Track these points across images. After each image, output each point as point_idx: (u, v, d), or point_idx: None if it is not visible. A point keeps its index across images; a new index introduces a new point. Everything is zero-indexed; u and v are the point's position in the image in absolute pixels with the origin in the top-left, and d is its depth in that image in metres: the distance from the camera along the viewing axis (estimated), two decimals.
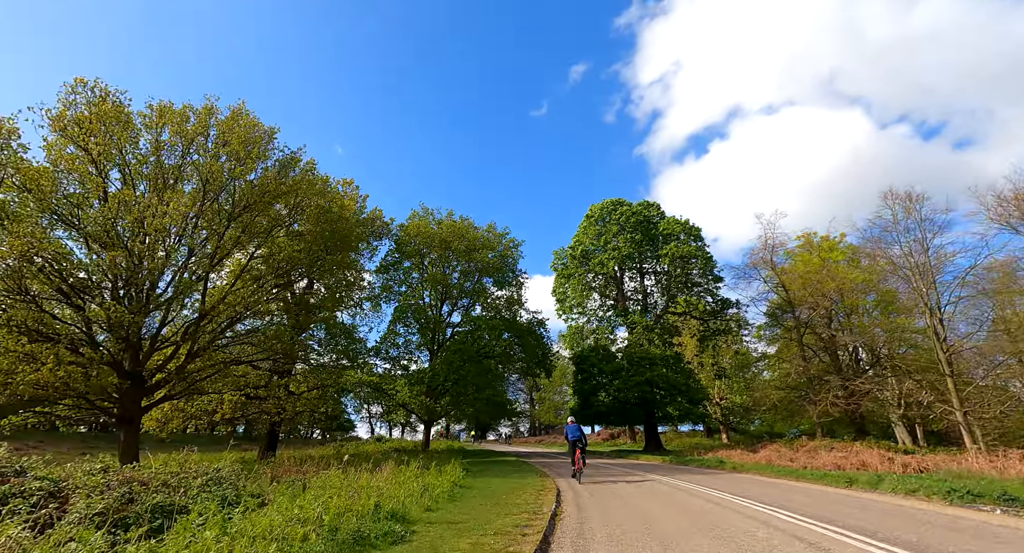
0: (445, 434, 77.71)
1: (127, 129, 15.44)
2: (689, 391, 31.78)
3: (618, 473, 16.17)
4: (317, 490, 7.50)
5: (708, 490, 10.78)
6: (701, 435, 49.28)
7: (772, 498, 9.32)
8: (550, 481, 12.21)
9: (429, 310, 32.37)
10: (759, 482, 12.60)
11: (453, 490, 9.64)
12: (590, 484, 12.68)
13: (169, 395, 18.63)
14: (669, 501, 9.13)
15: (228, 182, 16.79)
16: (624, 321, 36.69)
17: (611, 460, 25.10)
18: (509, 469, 16.19)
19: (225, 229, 16.75)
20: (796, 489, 10.91)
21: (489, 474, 13.93)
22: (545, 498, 9.12)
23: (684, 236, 37.85)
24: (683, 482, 12.68)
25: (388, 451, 30.61)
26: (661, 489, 11.18)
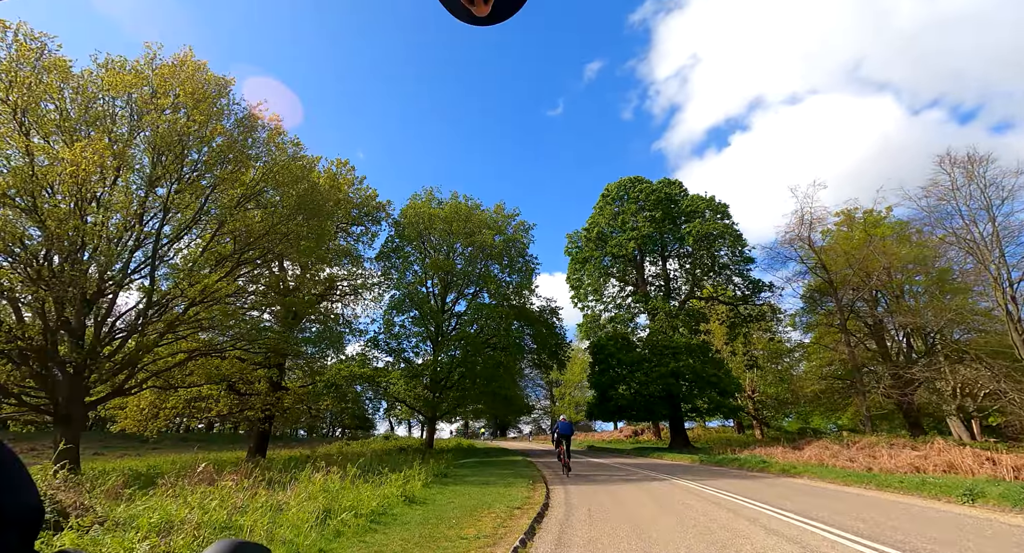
0: (464, 432, 75.19)
1: (61, 79, 12.99)
2: (720, 382, 28.24)
3: (637, 476, 13.04)
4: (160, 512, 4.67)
5: (767, 509, 7.57)
6: (731, 431, 45.34)
7: (883, 528, 6.10)
8: (540, 491, 9.21)
9: (431, 298, 29.58)
10: (831, 493, 9.31)
11: (393, 509, 6.73)
12: (593, 493, 9.63)
13: (121, 389, 16.14)
14: (715, 536, 6.00)
15: (176, 140, 14.21)
16: (645, 307, 33.28)
17: (632, 459, 21.87)
18: (502, 473, 13.23)
19: (171, 193, 14.16)
20: (897, 506, 7.64)
21: (471, 480, 11.00)
22: (517, 523, 6.13)
23: (709, 213, 34.19)
24: (723, 493, 9.48)
25: (390, 450, 27.98)
26: (696, 506, 8.01)
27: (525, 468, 14.79)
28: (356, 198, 27.61)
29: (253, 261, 17.46)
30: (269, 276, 22.10)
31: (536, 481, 10.98)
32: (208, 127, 14.39)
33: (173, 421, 23.96)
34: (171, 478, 8.90)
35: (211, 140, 14.55)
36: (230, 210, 15.87)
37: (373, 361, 27.59)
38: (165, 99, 13.79)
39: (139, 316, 15.47)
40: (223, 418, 28.67)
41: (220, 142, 14.43)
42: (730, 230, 33.05)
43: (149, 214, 14.83)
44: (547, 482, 11.30)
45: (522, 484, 10.19)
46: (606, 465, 18.10)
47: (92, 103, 13.54)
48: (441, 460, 16.48)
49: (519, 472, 13.16)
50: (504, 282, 29.56)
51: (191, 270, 15.55)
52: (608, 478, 12.79)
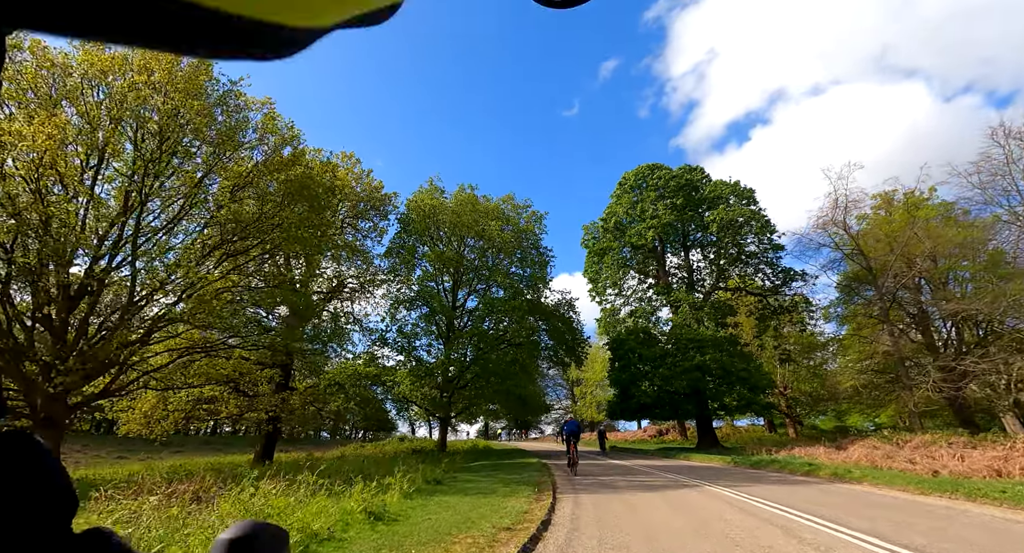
0: (484, 433, 73.81)
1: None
2: (750, 378, 26.10)
3: (662, 482, 11.28)
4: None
5: (837, 530, 5.76)
6: (761, 430, 42.79)
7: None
8: (543, 503, 7.57)
9: (442, 294, 28.17)
10: (910, 506, 7.40)
11: (348, 530, 5.22)
12: (608, 504, 7.96)
13: (108, 390, 15.06)
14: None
15: (153, 120, 13.07)
16: (667, 299, 31.27)
17: (656, 461, 19.99)
18: (508, 478, 11.63)
19: (144, 178, 13.00)
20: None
21: (469, 487, 9.43)
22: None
23: (734, 199, 32.01)
24: (770, 504, 7.68)
25: (401, 452, 26.63)
26: (738, 523, 6.28)
27: (536, 472, 13.16)
28: (362, 190, 26.45)
29: (245, 251, 16.22)
30: (275, 272, 20.98)
31: (543, 489, 9.37)
32: (187, 106, 13.19)
33: (181, 423, 22.93)
34: (117, 489, 7.59)
35: (192, 119, 13.35)
36: (221, 201, 14.71)
37: (384, 360, 26.32)
38: (141, 76, 12.65)
39: (122, 312, 14.39)
40: (234, 420, 27.72)
41: (198, 120, 13.20)
42: (757, 216, 30.81)
43: (129, 202, 13.74)
44: (556, 489, 9.66)
45: (525, 493, 8.59)
46: (627, 468, 16.32)
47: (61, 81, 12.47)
48: (444, 463, 14.97)
49: (527, 477, 11.54)
50: (517, 276, 27.98)
51: (178, 264, 14.42)
52: (628, 484, 11.05)
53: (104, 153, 13.03)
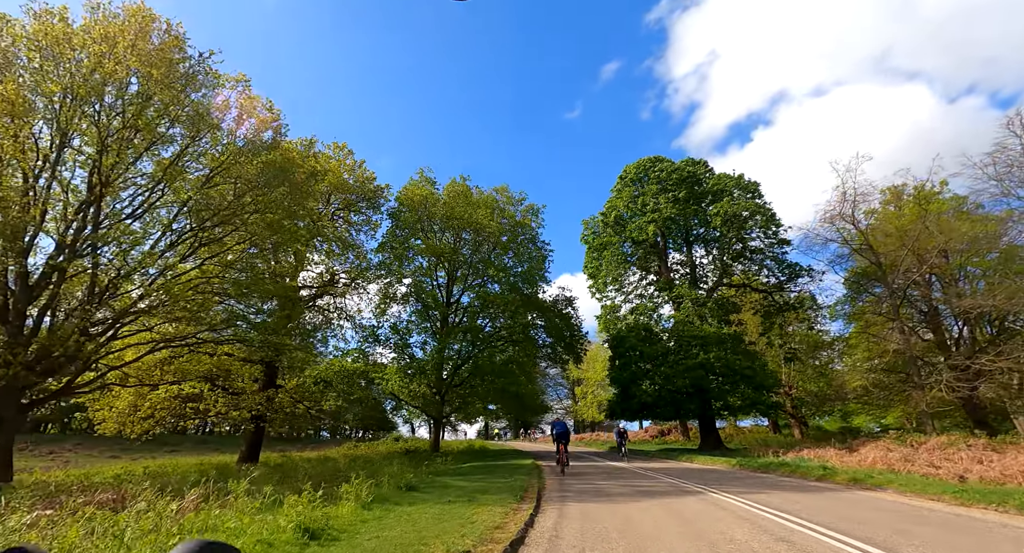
0: (485, 433, 72.62)
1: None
2: (754, 376, 24.93)
3: (662, 487, 10.15)
4: None
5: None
6: (766, 430, 41.45)
7: None
8: (523, 513, 6.48)
9: (436, 289, 27.08)
10: (953, 520, 6.24)
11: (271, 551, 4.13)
12: (599, 515, 6.85)
13: (69, 388, 14.00)
14: None
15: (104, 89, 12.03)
16: (669, 296, 30.10)
17: (657, 463, 18.82)
18: (493, 481, 10.53)
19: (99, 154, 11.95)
20: None
21: (444, 495, 8.31)
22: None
23: (738, 192, 30.82)
24: (785, 517, 6.55)
25: (393, 453, 25.53)
26: (750, 544, 5.15)
27: (524, 476, 12.05)
28: (353, 181, 25.39)
29: (219, 240, 15.16)
30: (263, 266, 19.88)
31: (527, 496, 8.29)
32: (153, 80, 12.14)
33: (169, 422, 21.89)
34: (38, 497, 6.53)
35: (157, 92, 12.30)
36: (193, 185, 13.67)
37: (378, 357, 25.21)
38: (102, 45, 11.60)
39: (81, 303, 13.35)
40: (221, 419, 26.63)
41: (165, 94, 12.14)
42: (762, 210, 29.59)
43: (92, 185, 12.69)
44: (541, 496, 8.57)
45: (505, 501, 7.49)
46: (625, 471, 15.18)
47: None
48: (425, 466, 13.87)
49: (513, 482, 10.43)
50: (514, 271, 26.86)
51: (145, 253, 13.40)
52: (624, 490, 9.92)
53: (66, 132, 12.02)
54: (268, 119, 16.05)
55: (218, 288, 15.62)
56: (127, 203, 13.94)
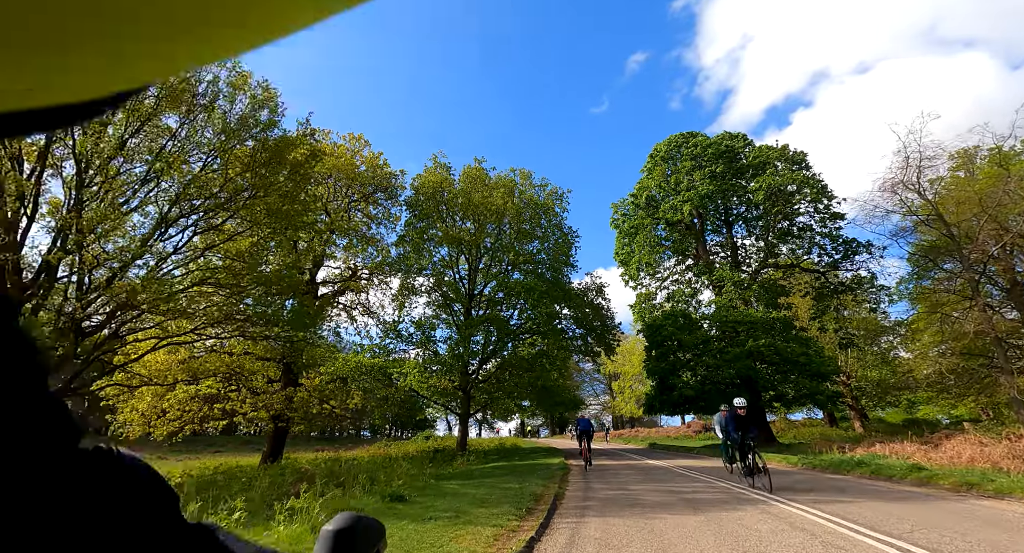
0: (521, 431, 70.94)
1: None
2: (810, 364, 22.22)
3: (710, 494, 8.20)
4: None
5: None
6: (820, 423, 37.96)
7: None
8: (523, 535, 4.72)
9: (457, 280, 25.60)
10: None
11: None
12: (627, 536, 5.00)
13: (69, 388, 13.17)
14: None
15: None
16: (709, 279, 27.61)
17: (701, 461, 16.65)
18: (506, 487, 8.80)
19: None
20: None
21: (432, 509, 6.64)
22: None
23: (783, 164, 27.94)
24: (900, 544, 4.54)
25: (421, 452, 24.27)
26: None
27: (544, 479, 10.27)
28: (367, 171, 24.27)
29: (215, 227, 14.09)
30: (275, 257, 18.86)
31: (537, 506, 6.59)
32: None
33: (197, 424, 21.22)
34: None
35: None
36: (170, 163, 12.56)
37: (400, 353, 23.91)
38: None
39: (71, 299, 12.47)
40: (247, 419, 26.01)
41: None
42: (811, 181, 26.63)
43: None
44: (556, 507, 6.82)
45: (503, 517, 5.81)
46: (665, 471, 13.17)
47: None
48: (431, 467, 12.32)
49: (527, 487, 8.68)
50: (538, 258, 25.05)
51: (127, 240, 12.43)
52: (663, 498, 8.01)
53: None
54: (263, 98, 14.85)
55: (225, 280, 14.54)
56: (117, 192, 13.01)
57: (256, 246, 15.33)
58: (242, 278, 14.04)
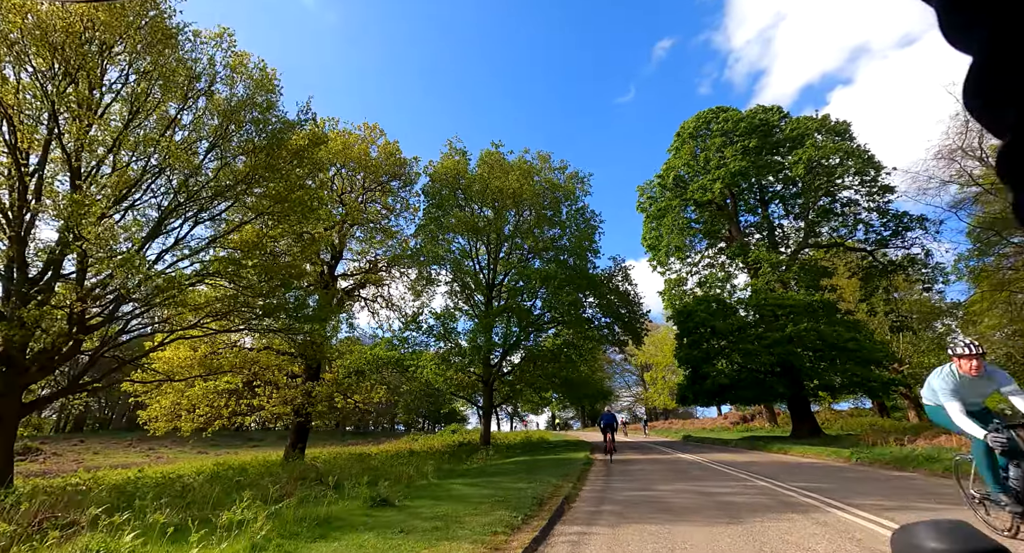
0: (552, 424, 69.97)
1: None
2: (860, 350, 20.26)
3: (749, 494, 6.95)
4: None
5: None
6: (869, 413, 35.34)
7: None
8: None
9: (477, 269, 24.66)
10: None
11: None
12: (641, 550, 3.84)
13: (76, 384, 12.87)
14: None
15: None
16: (743, 261, 25.75)
17: (741, 455, 15.17)
18: (516, 487, 7.76)
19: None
20: None
21: (418, 517, 5.67)
22: None
23: (823, 136, 25.71)
24: None
25: (446, 446, 23.58)
26: None
27: (559, 477, 9.18)
28: (383, 159, 23.55)
29: (216, 216, 13.52)
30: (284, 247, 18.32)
31: (540, 511, 5.53)
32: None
33: (226, 420, 21.05)
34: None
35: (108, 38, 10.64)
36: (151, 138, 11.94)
37: (422, 347, 23.17)
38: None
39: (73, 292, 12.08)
40: (275, 417, 25.85)
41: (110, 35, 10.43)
42: (856, 152, 24.36)
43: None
44: (563, 512, 5.76)
45: (492, 529, 4.77)
46: (698, 467, 11.85)
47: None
48: (432, 464, 11.40)
49: (535, 487, 7.61)
50: (559, 245, 23.83)
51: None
52: (694, 501, 6.79)
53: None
54: (262, 80, 14.15)
55: (223, 268, 13.99)
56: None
57: (261, 235, 14.72)
58: (242, 268, 13.42)
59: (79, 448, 34.96)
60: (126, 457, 32.43)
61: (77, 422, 52.37)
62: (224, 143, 13.10)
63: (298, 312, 14.69)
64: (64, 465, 25.91)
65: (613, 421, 16.53)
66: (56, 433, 46.36)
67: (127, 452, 35.47)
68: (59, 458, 30.46)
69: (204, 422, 20.00)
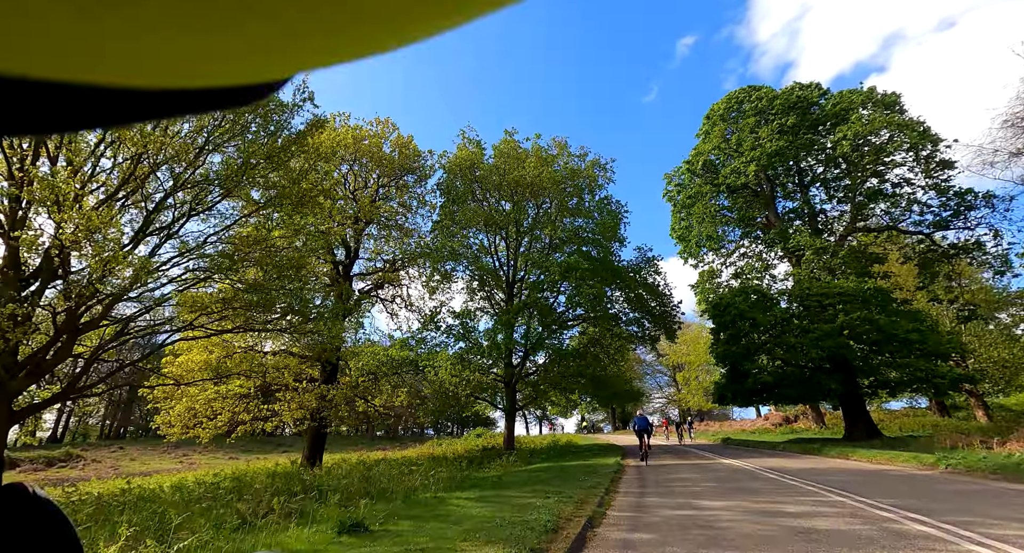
0: (581, 427, 67.80)
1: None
2: (925, 341, 17.89)
3: (834, 525, 5.24)
4: None
5: None
6: (926, 413, 32.10)
7: None
8: None
9: (500, 270, 23.26)
10: None
11: None
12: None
13: (72, 389, 11.99)
14: None
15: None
16: (783, 248, 23.55)
17: (793, 461, 13.21)
18: (513, 513, 6.25)
19: None
20: None
21: (431, 536, 4.29)
22: None
23: (870, 110, 23.34)
24: None
25: (469, 451, 22.26)
26: None
27: (587, 489, 7.62)
28: (395, 153, 22.50)
29: (210, 208, 12.52)
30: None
31: (554, 545, 4.04)
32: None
33: (247, 425, 20.23)
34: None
35: None
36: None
37: (441, 347, 21.89)
38: None
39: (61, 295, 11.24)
40: (296, 422, 24.98)
41: None
42: (909, 125, 21.93)
43: None
44: (587, 542, 4.21)
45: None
46: (749, 475, 10.07)
47: None
48: (474, 468, 10.00)
49: (558, 506, 6.09)
50: (582, 235, 22.20)
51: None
52: (755, 522, 5.16)
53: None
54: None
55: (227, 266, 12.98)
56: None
57: (260, 228, 13.69)
58: (237, 263, 12.33)
59: (118, 454, 35.18)
60: (160, 463, 32.32)
61: (118, 429, 53.48)
62: (215, 131, 12.03)
63: (301, 308, 13.55)
64: (101, 471, 25.77)
65: (647, 425, 16.44)
66: (99, 440, 47.43)
67: (162, 458, 35.47)
68: (97, 465, 30.46)
69: (227, 428, 19.18)
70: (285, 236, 14.26)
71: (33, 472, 24.76)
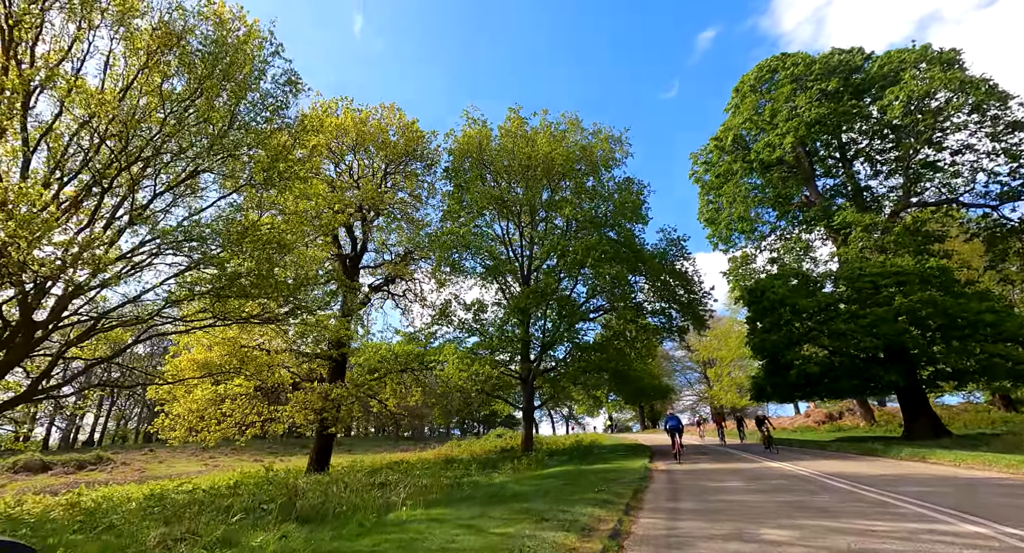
0: (606, 426, 65.34)
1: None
2: (1000, 325, 15.36)
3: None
4: None
5: None
6: (990, 408, 28.79)
7: None
8: None
9: (514, 261, 21.56)
10: None
11: None
12: None
13: (35, 390, 10.83)
14: None
15: None
16: (826, 228, 21.12)
17: (852, 463, 11.06)
18: (517, 528, 4.58)
19: None
20: None
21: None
22: None
23: (924, 69, 20.68)
24: None
25: (487, 452, 20.71)
26: None
27: (605, 505, 5.89)
28: (399, 138, 21.16)
29: (181, 182, 11.21)
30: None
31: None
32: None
33: (256, 428, 19.15)
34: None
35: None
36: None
37: (454, 342, 20.36)
38: None
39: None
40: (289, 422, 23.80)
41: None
42: (971, 83, 19.23)
43: None
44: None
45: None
46: (813, 484, 8.12)
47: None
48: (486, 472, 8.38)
49: (557, 535, 4.42)
50: (599, 214, 20.26)
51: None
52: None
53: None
54: (229, 17, 11.62)
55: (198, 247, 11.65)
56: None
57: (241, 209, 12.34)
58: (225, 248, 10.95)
59: (147, 457, 35.24)
60: (186, 465, 31.99)
61: (154, 432, 54.20)
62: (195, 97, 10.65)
63: (285, 295, 12.12)
64: (128, 475, 25.47)
65: (679, 424, 16.06)
66: (135, 442, 48.25)
67: (189, 460, 35.27)
68: (126, 468, 30.25)
69: (234, 431, 18.09)
70: (257, 209, 12.80)
71: (64, 475, 24.52)
